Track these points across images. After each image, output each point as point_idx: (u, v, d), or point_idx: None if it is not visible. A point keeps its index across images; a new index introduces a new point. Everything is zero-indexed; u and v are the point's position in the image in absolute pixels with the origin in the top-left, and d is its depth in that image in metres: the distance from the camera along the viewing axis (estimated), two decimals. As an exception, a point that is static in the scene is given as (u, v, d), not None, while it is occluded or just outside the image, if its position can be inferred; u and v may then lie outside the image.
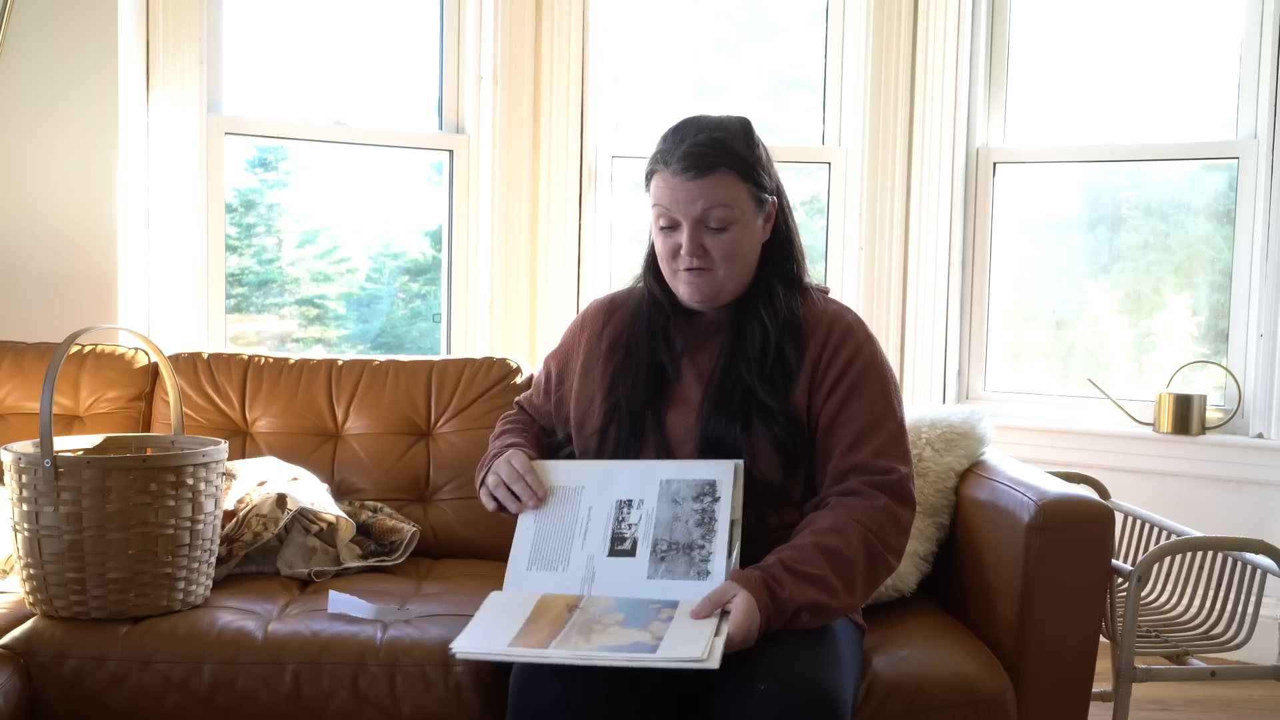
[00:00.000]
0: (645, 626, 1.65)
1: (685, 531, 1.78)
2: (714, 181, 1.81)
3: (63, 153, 3.09)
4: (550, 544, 1.84)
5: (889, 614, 2.19)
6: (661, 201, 1.86)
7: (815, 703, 1.57)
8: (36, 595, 1.97)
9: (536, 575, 1.81)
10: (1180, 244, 3.70)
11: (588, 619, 1.69)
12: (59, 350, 1.99)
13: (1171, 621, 2.30)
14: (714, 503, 1.79)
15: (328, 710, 1.88)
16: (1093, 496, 2.05)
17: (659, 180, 1.86)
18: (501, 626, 1.69)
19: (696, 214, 1.82)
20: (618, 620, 1.68)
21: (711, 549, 1.76)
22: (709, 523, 1.78)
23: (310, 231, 3.86)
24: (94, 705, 1.87)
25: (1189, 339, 3.65)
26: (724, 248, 1.84)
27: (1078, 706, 1.99)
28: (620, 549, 1.80)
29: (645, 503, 1.82)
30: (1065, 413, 3.69)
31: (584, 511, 1.85)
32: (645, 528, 1.80)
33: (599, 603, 1.73)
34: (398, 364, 2.71)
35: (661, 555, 1.78)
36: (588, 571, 1.79)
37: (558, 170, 3.65)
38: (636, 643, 1.61)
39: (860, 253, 3.72)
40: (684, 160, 1.81)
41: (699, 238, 1.83)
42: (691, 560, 1.76)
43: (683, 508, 1.80)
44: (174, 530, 1.98)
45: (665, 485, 1.83)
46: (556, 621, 1.69)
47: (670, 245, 1.87)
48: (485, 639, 1.68)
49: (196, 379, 2.65)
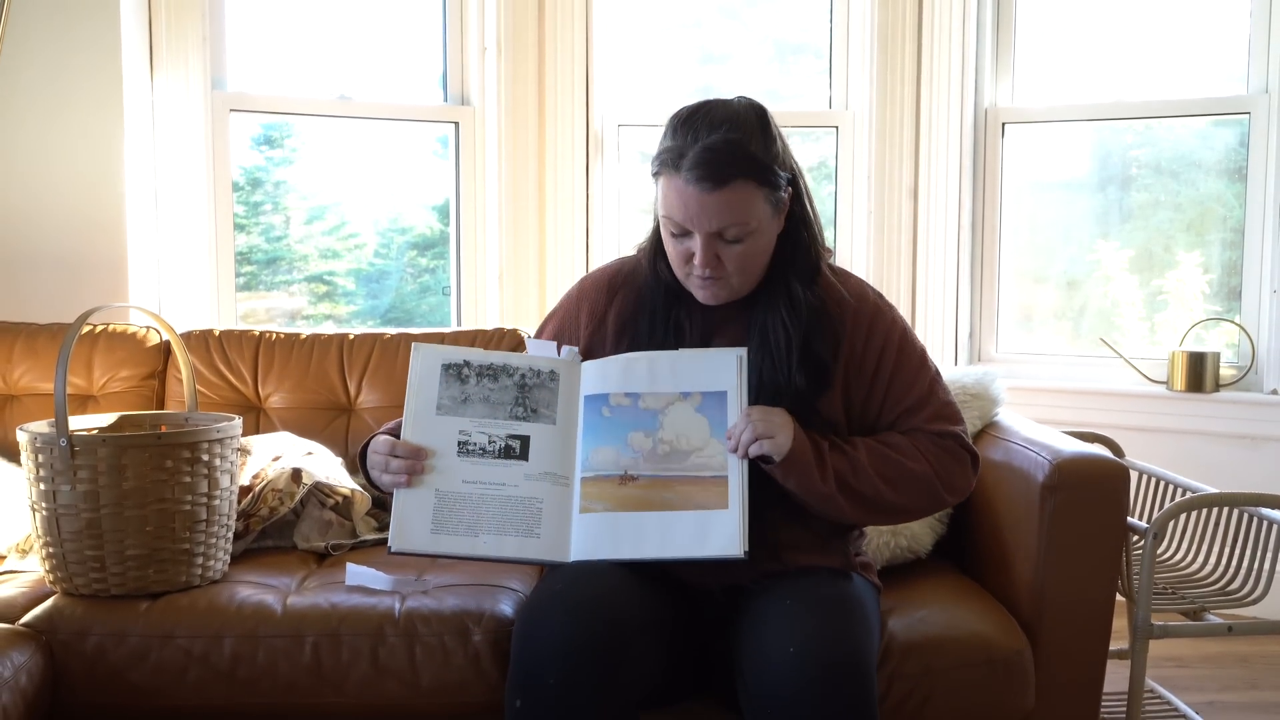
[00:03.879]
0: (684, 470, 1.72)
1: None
2: (730, 195, 1.67)
3: (68, 134, 3.08)
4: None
5: (905, 576, 2.20)
6: (672, 212, 1.72)
7: (843, 665, 1.57)
8: (56, 573, 1.99)
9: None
10: (1191, 201, 3.68)
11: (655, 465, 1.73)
12: (71, 330, 2.00)
13: (1188, 578, 2.30)
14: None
15: (348, 681, 1.89)
16: (1107, 455, 2.05)
17: (668, 185, 1.71)
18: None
19: (712, 229, 1.70)
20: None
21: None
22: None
23: (318, 208, 3.86)
24: (116, 681, 1.89)
25: (1201, 297, 3.63)
26: (739, 259, 1.74)
27: (1095, 664, 2.00)
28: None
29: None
30: (1078, 373, 3.68)
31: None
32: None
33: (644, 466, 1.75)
34: (409, 337, 2.71)
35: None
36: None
37: (564, 140, 3.64)
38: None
39: (869, 217, 3.71)
40: (698, 169, 1.66)
41: (713, 249, 1.72)
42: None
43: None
44: (190, 506, 1.99)
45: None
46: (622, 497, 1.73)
47: (681, 251, 1.75)
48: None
49: (209, 356, 2.65)
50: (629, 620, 1.63)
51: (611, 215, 3.75)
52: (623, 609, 1.63)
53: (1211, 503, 2.17)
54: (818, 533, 1.83)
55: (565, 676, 1.57)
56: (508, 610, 1.95)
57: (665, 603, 1.73)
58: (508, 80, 3.59)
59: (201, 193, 3.30)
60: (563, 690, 1.56)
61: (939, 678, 1.89)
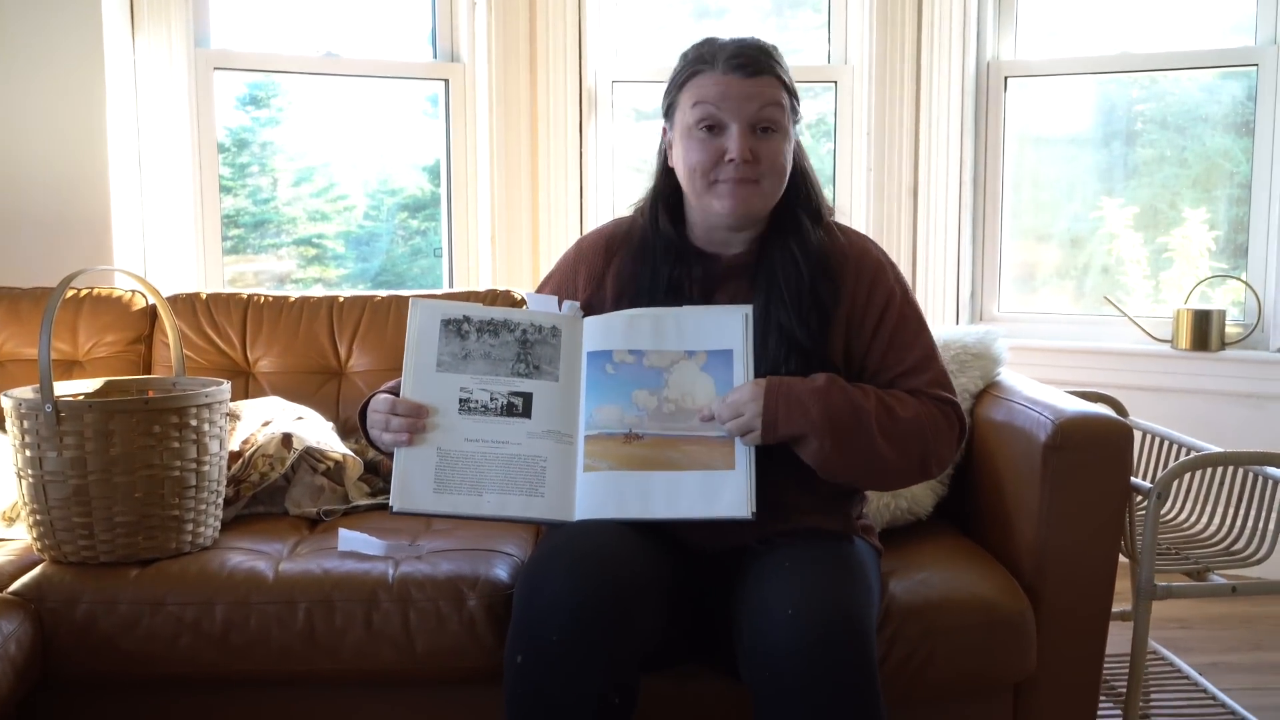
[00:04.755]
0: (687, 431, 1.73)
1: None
2: (766, 82, 1.76)
3: (48, 94, 3.06)
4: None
5: (906, 538, 2.20)
6: (708, 98, 1.76)
7: (841, 626, 1.58)
8: (44, 541, 1.99)
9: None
10: (1197, 157, 3.67)
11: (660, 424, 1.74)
12: (55, 293, 1.99)
13: (1192, 539, 2.30)
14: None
15: (342, 647, 1.90)
16: (1111, 415, 2.05)
17: (703, 80, 1.77)
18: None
19: (751, 113, 1.75)
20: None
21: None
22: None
23: (305, 170, 3.84)
24: (107, 648, 1.90)
25: (1207, 254, 3.63)
26: (772, 155, 1.77)
27: (1097, 626, 2.01)
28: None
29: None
30: (1081, 331, 3.68)
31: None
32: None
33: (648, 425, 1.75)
34: (400, 299, 2.70)
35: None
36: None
37: (557, 97, 3.62)
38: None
39: (869, 174, 3.69)
40: (737, 58, 1.76)
41: (749, 140, 1.76)
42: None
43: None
44: (179, 472, 1.99)
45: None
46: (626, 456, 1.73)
47: (713, 151, 1.77)
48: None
49: (196, 320, 2.65)
50: (634, 578, 1.64)
51: (606, 174, 3.74)
52: (627, 566, 1.64)
53: (1216, 462, 2.17)
54: (820, 495, 1.83)
55: (569, 633, 1.57)
56: (503, 575, 1.96)
57: (666, 563, 1.74)
58: (498, 36, 3.56)
59: (186, 154, 3.28)
60: (566, 647, 1.57)
61: (940, 639, 1.89)
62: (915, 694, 1.91)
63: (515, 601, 1.67)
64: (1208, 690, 2.45)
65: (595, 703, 1.59)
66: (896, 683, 1.86)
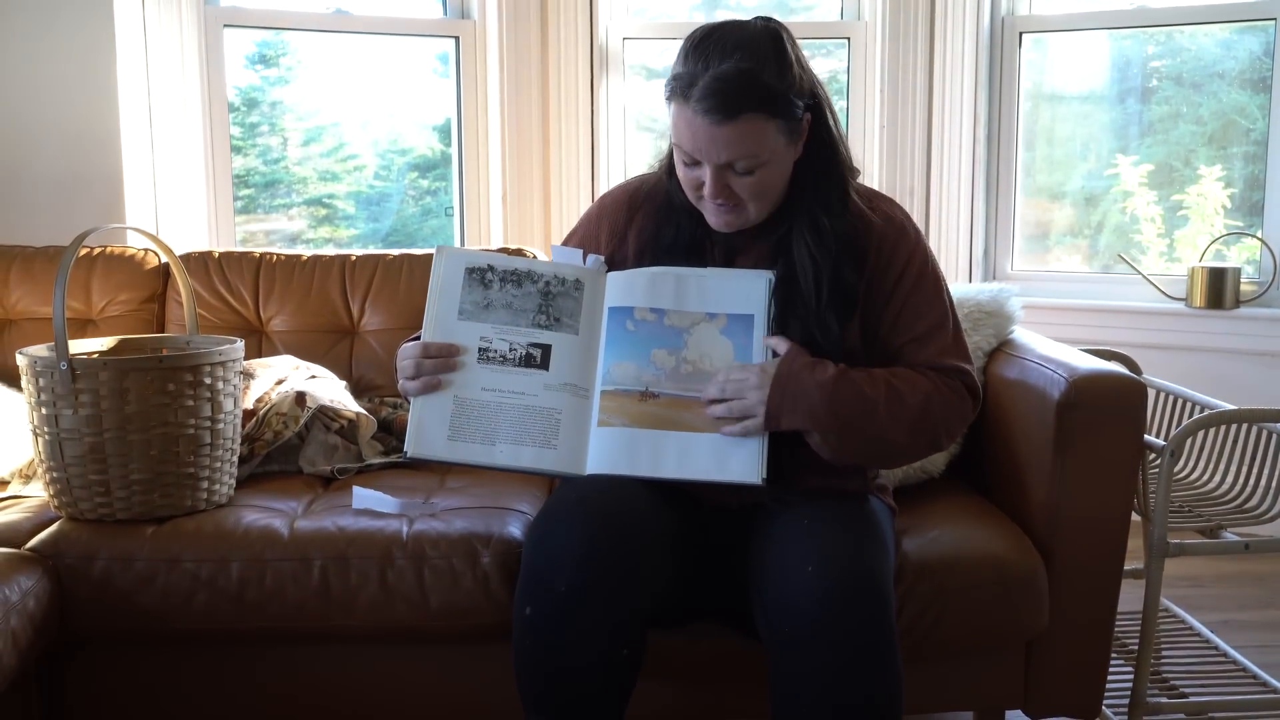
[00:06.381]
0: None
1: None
2: (741, 128, 1.64)
3: (59, 53, 3.05)
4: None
5: (918, 496, 2.20)
6: (681, 141, 1.69)
7: (862, 584, 1.58)
8: (61, 499, 2.00)
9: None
10: (1213, 114, 3.63)
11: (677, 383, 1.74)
12: (68, 251, 1.99)
13: (1205, 496, 2.30)
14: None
15: (357, 604, 1.91)
16: (1124, 372, 2.04)
17: (679, 113, 1.68)
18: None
19: (720, 161, 1.68)
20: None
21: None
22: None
23: (315, 129, 3.83)
24: (124, 605, 1.91)
25: (1222, 211, 3.60)
26: (750, 189, 1.71)
27: (1110, 583, 2.01)
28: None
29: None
30: (1095, 290, 3.66)
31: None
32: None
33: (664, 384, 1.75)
34: (412, 258, 2.70)
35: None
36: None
37: (568, 54, 3.60)
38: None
39: (882, 131, 3.67)
40: (707, 100, 1.63)
41: (723, 180, 1.70)
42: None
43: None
44: (194, 430, 2.00)
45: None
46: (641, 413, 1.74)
47: (693, 179, 1.74)
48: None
49: (209, 279, 2.65)
50: (644, 532, 1.64)
51: (618, 132, 3.72)
52: (638, 520, 1.64)
53: (1229, 419, 2.16)
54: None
55: (577, 585, 1.58)
56: (516, 533, 1.97)
57: (679, 518, 1.74)
58: (509, -8, 3.53)
59: (196, 112, 3.27)
60: (574, 599, 1.58)
61: (952, 597, 1.90)
62: (927, 651, 1.92)
63: (524, 553, 1.68)
64: (1219, 647, 2.45)
65: (603, 655, 1.60)
66: (909, 640, 1.87)
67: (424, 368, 1.75)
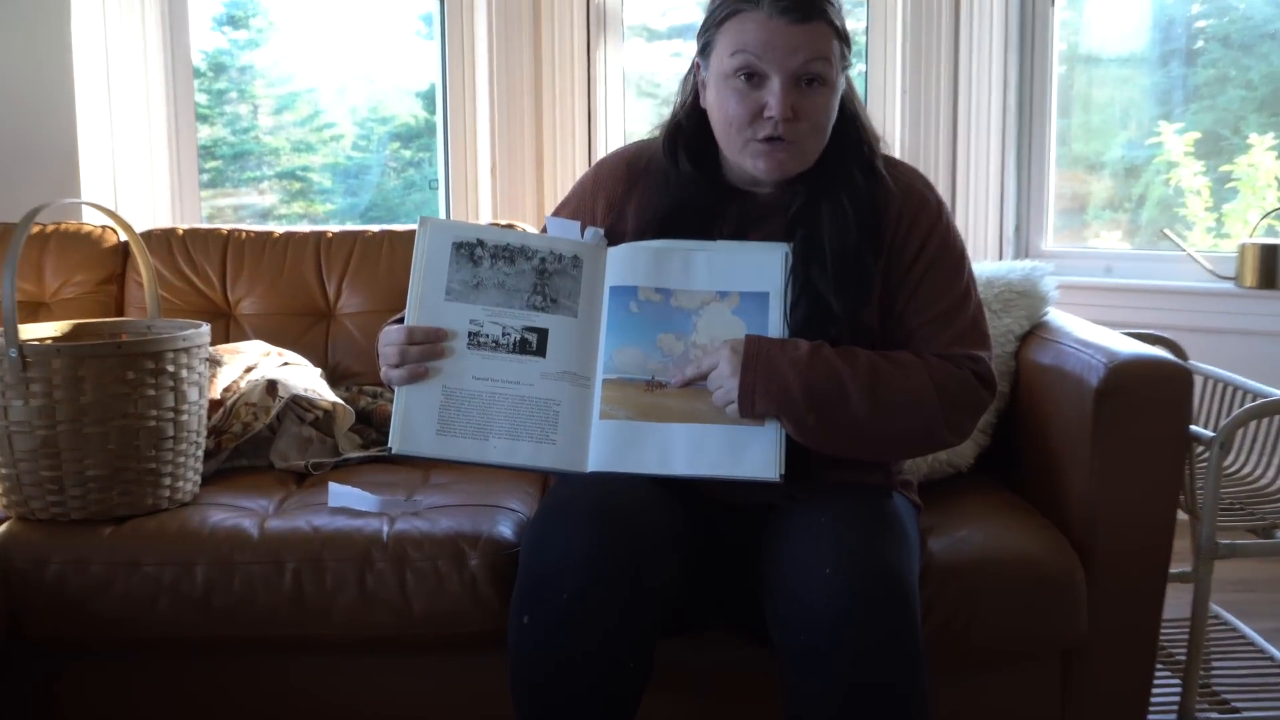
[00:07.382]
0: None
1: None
2: (816, 30, 1.69)
3: (5, 14, 3.04)
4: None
5: (945, 492, 2.20)
6: (749, 46, 1.69)
7: (885, 585, 1.58)
8: (10, 497, 1.99)
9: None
10: (1264, 78, 3.62)
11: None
12: (19, 229, 1.98)
13: (1257, 493, 2.30)
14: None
15: (334, 610, 1.90)
16: (1168, 357, 2.04)
17: (745, 22, 1.69)
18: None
19: (795, 65, 1.68)
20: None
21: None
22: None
23: (288, 96, 3.83)
24: (79, 612, 1.90)
25: (1274, 184, 3.59)
26: (816, 111, 1.71)
27: (1154, 587, 2.00)
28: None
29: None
30: (1136, 268, 3.65)
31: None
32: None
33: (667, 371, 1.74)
34: (393, 234, 2.70)
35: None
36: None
37: (562, 14, 3.58)
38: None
39: (904, 96, 3.66)
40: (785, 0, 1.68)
41: (791, 96, 1.69)
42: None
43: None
44: (156, 422, 1.99)
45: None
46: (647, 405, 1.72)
47: (750, 106, 1.71)
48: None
49: (172, 258, 2.64)
50: (651, 533, 1.63)
51: (616, 99, 3.71)
52: (644, 521, 1.63)
53: (1284, 409, 2.16)
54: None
55: (580, 591, 1.56)
56: (506, 532, 1.96)
57: (687, 517, 1.73)
58: (498, -54, 3.52)
59: (158, 78, 3.26)
60: (577, 606, 1.56)
61: (982, 601, 1.89)
62: (955, 660, 1.91)
63: (521, 559, 1.66)
64: (1275, 658, 2.45)
65: (608, 667, 1.59)
66: (935, 648, 1.84)
67: (409, 354, 1.73)
